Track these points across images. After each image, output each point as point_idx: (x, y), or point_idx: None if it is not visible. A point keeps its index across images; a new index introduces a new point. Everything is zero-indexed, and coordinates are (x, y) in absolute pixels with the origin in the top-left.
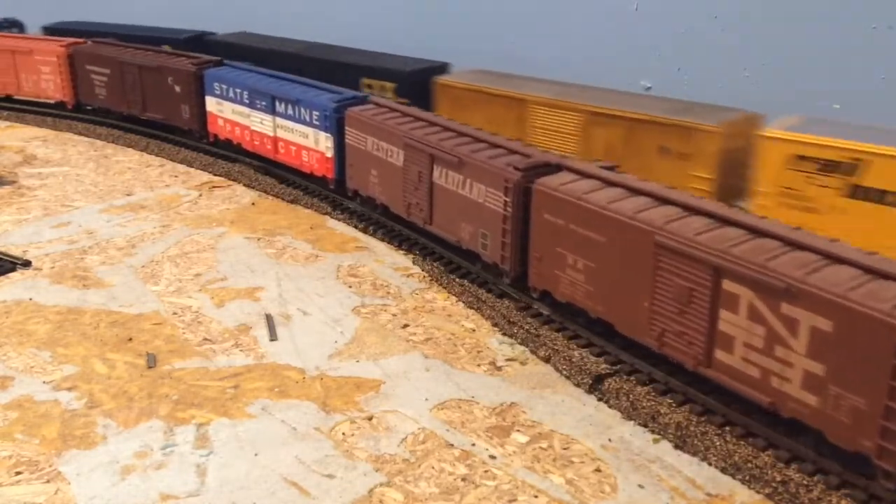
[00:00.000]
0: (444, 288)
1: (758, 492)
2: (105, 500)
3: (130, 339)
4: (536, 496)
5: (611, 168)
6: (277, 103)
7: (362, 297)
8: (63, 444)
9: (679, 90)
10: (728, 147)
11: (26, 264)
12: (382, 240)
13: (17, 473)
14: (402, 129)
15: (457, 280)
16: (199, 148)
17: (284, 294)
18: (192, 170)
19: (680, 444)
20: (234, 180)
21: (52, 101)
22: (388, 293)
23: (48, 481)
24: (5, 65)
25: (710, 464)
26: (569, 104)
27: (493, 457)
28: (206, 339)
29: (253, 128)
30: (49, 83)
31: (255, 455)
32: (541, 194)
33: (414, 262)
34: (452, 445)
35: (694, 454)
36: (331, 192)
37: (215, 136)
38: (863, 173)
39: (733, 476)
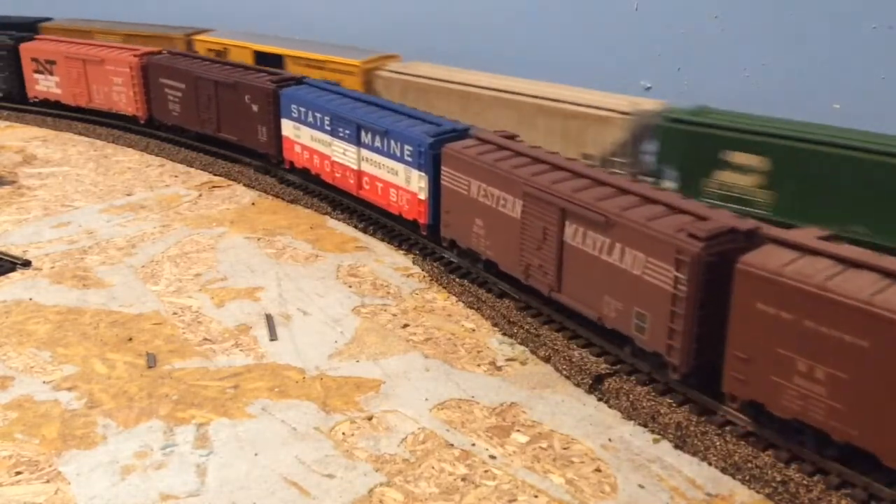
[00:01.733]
0: (444, 288)
1: (758, 492)
2: (105, 500)
3: (130, 339)
4: (536, 496)
5: (827, 238)
6: (363, 133)
7: (362, 297)
8: (63, 444)
9: (679, 90)
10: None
11: (26, 264)
12: (382, 240)
13: (17, 473)
14: (520, 174)
15: (457, 280)
16: (200, 148)
17: (284, 294)
18: (192, 170)
19: (680, 444)
20: (234, 180)
21: (126, 115)
22: (388, 293)
23: (48, 481)
24: (76, 74)
25: (710, 464)
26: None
27: (493, 457)
28: (206, 339)
29: (334, 158)
30: (121, 96)
31: (255, 455)
32: (752, 278)
33: (414, 262)
34: (452, 445)
35: (694, 454)
36: (423, 237)
37: (291, 163)
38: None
39: (733, 476)
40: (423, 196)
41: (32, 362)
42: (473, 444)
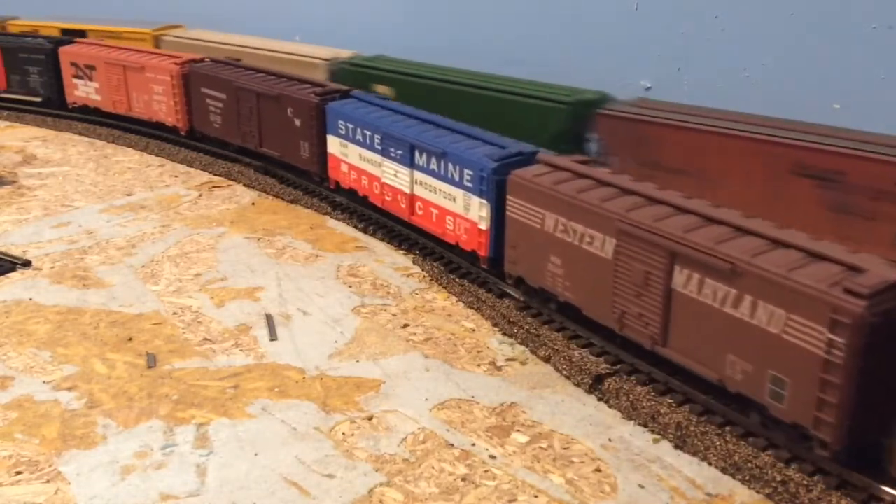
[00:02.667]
0: (444, 288)
1: (758, 492)
2: (105, 500)
3: (130, 339)
4: (536, 496)
5: None
6: (418, 154)
7: (362, 297)
8: (63, 444)
9: (679, 90)
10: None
11: (26, 264)
12: (382, 240)
13: (17, 473)
14: (612, 209)
15: (457, 280)
16: (200, 148)
17: (284, 294)
18: (192, 170)
19: (680, 444)
20: (234, 180)
21: (167, 125)
22: (388, 293)
23: (48, 481)
24: (117, 81)
25: (710, 464)
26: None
27: (493, 457)
28: (206, 338)
29: (384, 180)
30: (161, 105)
31: (255, 455)
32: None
33: (414, 262)
34: (452, 445)
35: (694, 454)
36: (483, 271)
37: (337, 182)
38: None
39: (733, 476)
40: (483, 226)
41: (32, 362)
42: (473, 444)
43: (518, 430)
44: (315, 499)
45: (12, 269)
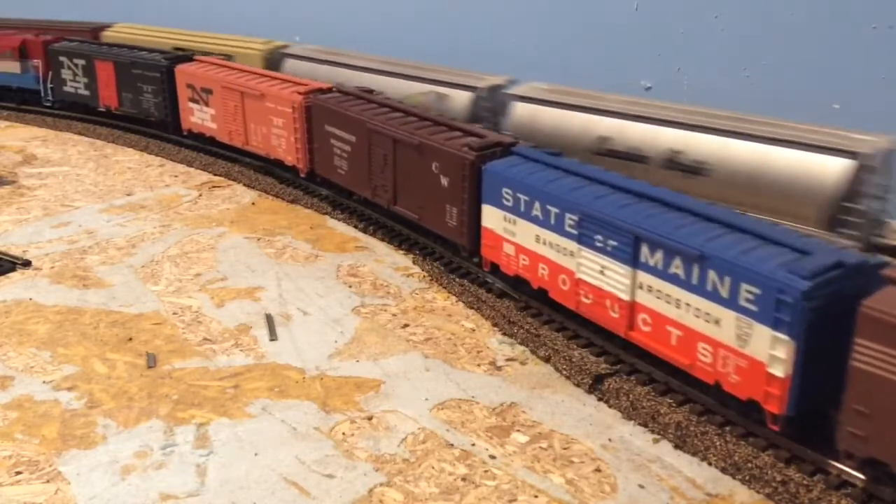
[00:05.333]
0: (444, 288)
1: (758, 492)
2: (105, 500)
3: (130, 339)
4: (536, 496)
5: None
6: (646, 249)
7: (362, 296)
8: (63, 444)
9: (679, 90)
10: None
11: (26, 264)
12: (382, 240)
13: (17, 473)
14: None
15: (457, 280)
16: (200, 148)
17: (284, 294)
18: (192, 170)
19: (680, 444)
20: (234, 180)
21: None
22: (388, 293)
23: (48, 481)
24: (233, 108)
25: (710, 464)
26: None
27: (493, 457)
28: (206, 338)
29: (581, 275)
30: (280, 140)
31: (255, 455)
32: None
33: (414, 262)
34: (452, 445)
35: (694, 454)
36: (778, 435)
37: (492, 264)
38: None
39: (733, 476)
40: (779, 371)
41: (32, 362)
42: (473, 444)
43: (518, 430)
44: (315, 499)
45: (12, 269)
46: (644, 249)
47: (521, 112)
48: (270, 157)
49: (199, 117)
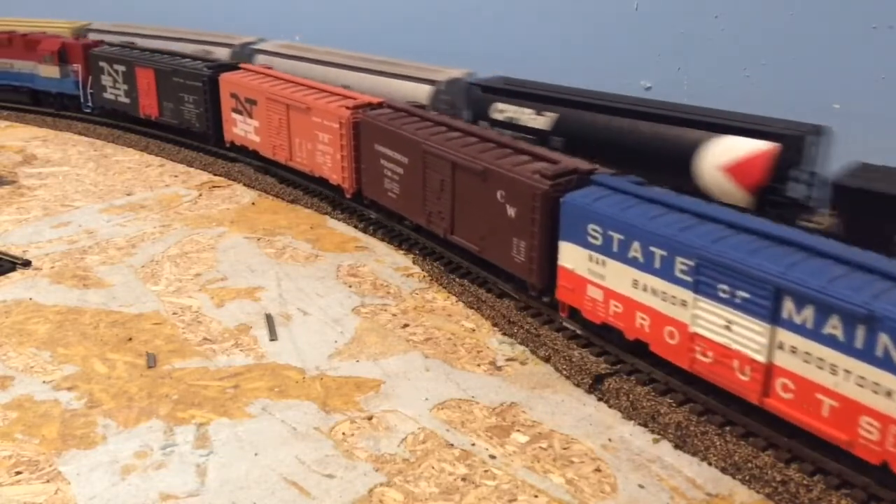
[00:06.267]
0: (444, 288)
1: (758, 492)
2: (105, 499)
3: (130, 339)
4: (536, 496)
5: None
6: (791, 304)
7: (362, 296)
8: (63, 443)
9: (679, 90)
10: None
11: (26, 264)
12: (382, 240)
13: (17, 473)
14: None
15: (457, 280)
16: (200, 147)
17: (284, 294)
18: (192, 170)
19: (680, 444)
20: (234, 180)
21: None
22: (388, 293)
23: (48, 481)
24: (278, 122)
25: (710, 464)
26: None
27: (493, 457)
28: (206, 338)
29: (696, 329)
30: (326, 158)
31: (255, 455)
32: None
33: (414, 262)
34: (452, 445)
35: (694, 454)
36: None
37: (571, 309)
38: None
39: (733, 476)
40: None
41: (32, 362)
42: (473, 444)
43: (518, 430)
44: (315, 499)
45: (12, 269)
46: (788, 304)
47: (260, 61)
48: (314, 175)
49: (241, 129)
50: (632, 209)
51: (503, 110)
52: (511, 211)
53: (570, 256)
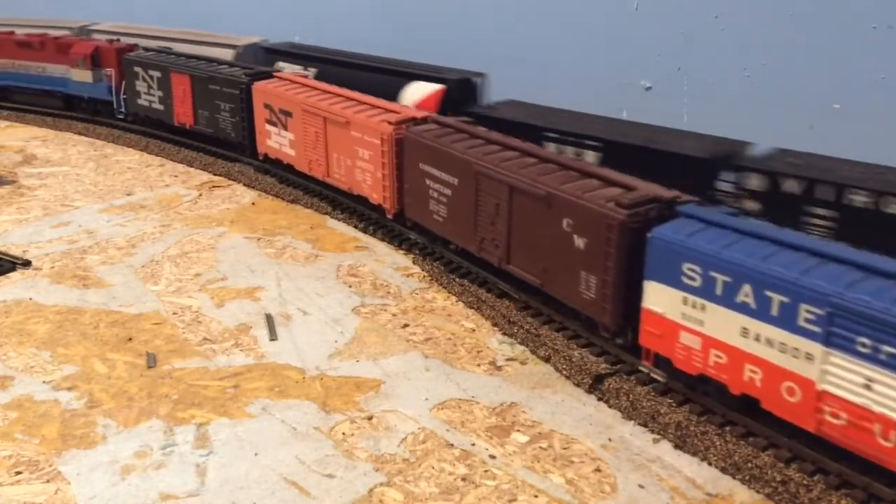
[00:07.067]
0: (444, 288)
1: (758, 492)
2: (105, 499)
3: (130, 339)
4: (536, 496)
5: None
6: None
7: (362, 296)
8: (63, 443)
9: (679, 90)
10: None
11: (26, 264)
12: (382, 240)
13: (17, 473)
14: None
15: (457, 280)
16: (199, 147)
17: (284, 294)
18: (192, 170)
19: (680, 444)
20: (234, 180)
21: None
22: (388, 293)
23: (48, 481)
24: (314, 135)
25: (710, 464)
26: None
27: (493, 456)
28: (206, 338)
29: (825, 387)
30: (366, 175)
31: (255, 455)
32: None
33: (414, 262)
34: (452, 445)
35: (694, 454)
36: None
37: (655, 355)
38: None
39: (733, 476)
40: None
41: (32, 362)
42: (473, 444)
43: (518, 430)
44: (315, 499)
45: (12, 269)
46: None
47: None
48: (353, 193)
49: (276, 141)
50: (736, 246)
51: (283, 67)
52: (580, 242)
53: (660, 298)
